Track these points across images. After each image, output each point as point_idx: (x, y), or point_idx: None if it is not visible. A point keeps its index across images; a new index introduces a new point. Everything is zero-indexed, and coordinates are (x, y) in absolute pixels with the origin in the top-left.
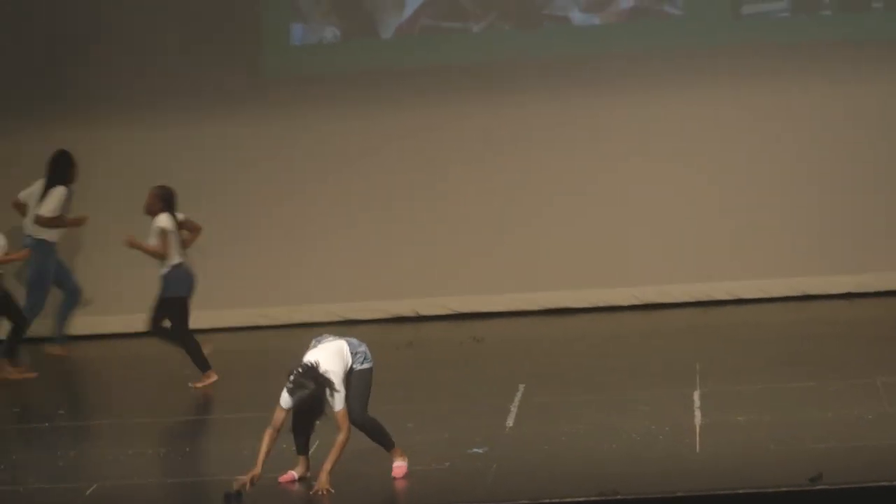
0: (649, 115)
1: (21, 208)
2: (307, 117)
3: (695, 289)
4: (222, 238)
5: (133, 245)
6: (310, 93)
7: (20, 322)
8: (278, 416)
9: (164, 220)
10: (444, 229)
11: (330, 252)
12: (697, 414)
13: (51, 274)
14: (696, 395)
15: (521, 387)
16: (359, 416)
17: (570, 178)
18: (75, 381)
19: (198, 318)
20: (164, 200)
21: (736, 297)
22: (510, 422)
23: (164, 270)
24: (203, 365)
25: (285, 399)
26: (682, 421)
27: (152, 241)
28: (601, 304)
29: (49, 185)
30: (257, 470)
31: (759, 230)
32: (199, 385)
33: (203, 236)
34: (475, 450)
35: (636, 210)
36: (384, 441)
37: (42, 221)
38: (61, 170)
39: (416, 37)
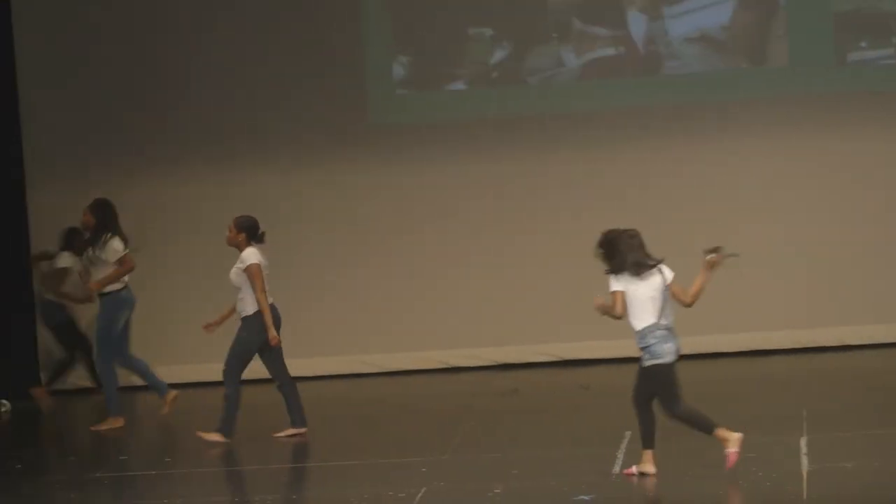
0: (756, 162)
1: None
2: (412, 163)
3: (801, 335)
4: (323, 283)
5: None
6: (414, 139)
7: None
8: None
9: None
10: (548, 275)
11: (433, 299)
12: (804, 460)
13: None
14: (803, 442)
15: (628, 433)
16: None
17: (677, 226)
18: (172, 429)
19: (300, 366)
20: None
21: (842, 343)
22: (616, 469)
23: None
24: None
25: None
26: (788, 468)
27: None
28: (706, 350)
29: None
30: None
31: (866, 276)
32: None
33: (304, 281)
34: (581, 497)
35: (742, 257)
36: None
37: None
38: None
39: (517, 85)
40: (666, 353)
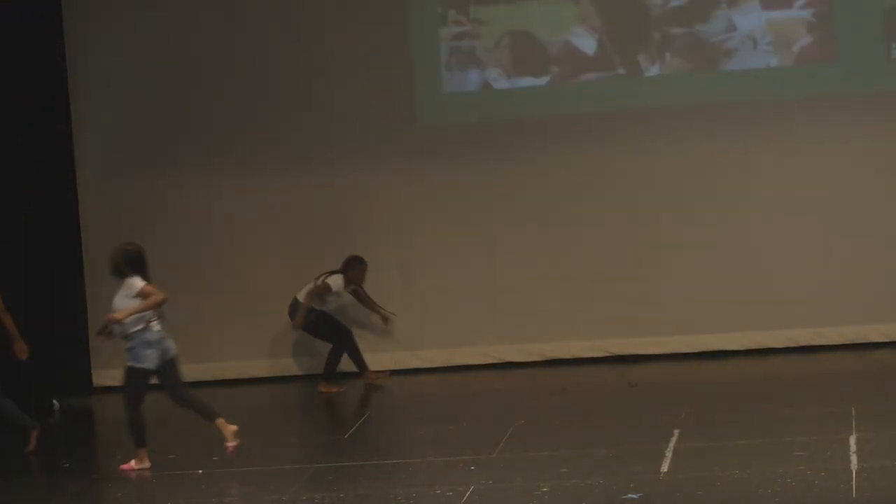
0: (806, 158)
1: None
2: (457, 163)
3: (851, 331)
4: (374, 280)
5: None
6: (462, 139)
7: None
8: None
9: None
10: (599, 273)
11: (484, 295)
12: (854, 459)
13: None
14: (853, 440)
15: (676, 432)
16: None
17: (725, 223)
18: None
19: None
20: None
21: (893, 340)
22: (665, 467)
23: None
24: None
25: None
26: (838, 466)
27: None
28: (756, 346)
29: None
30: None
31: None
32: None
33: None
34: (630, 496)
35: (791, 253)
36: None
37: None
38: None
39: (567, 85)
40: (147, 357)
